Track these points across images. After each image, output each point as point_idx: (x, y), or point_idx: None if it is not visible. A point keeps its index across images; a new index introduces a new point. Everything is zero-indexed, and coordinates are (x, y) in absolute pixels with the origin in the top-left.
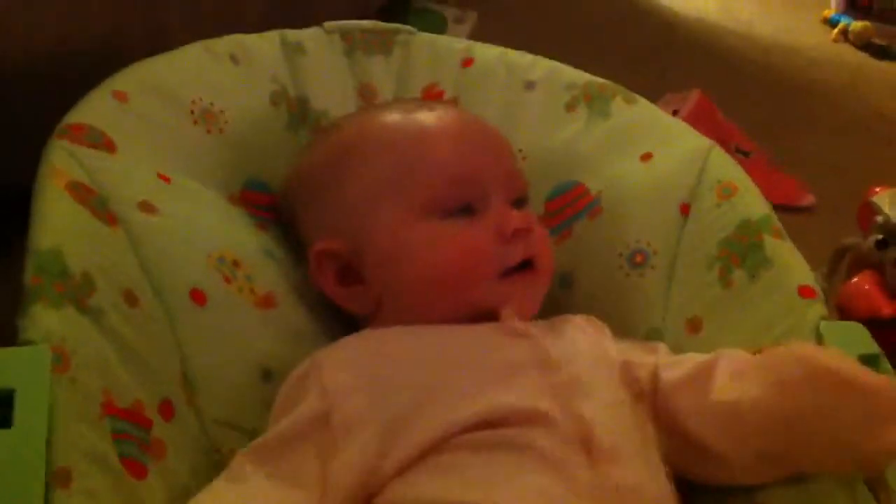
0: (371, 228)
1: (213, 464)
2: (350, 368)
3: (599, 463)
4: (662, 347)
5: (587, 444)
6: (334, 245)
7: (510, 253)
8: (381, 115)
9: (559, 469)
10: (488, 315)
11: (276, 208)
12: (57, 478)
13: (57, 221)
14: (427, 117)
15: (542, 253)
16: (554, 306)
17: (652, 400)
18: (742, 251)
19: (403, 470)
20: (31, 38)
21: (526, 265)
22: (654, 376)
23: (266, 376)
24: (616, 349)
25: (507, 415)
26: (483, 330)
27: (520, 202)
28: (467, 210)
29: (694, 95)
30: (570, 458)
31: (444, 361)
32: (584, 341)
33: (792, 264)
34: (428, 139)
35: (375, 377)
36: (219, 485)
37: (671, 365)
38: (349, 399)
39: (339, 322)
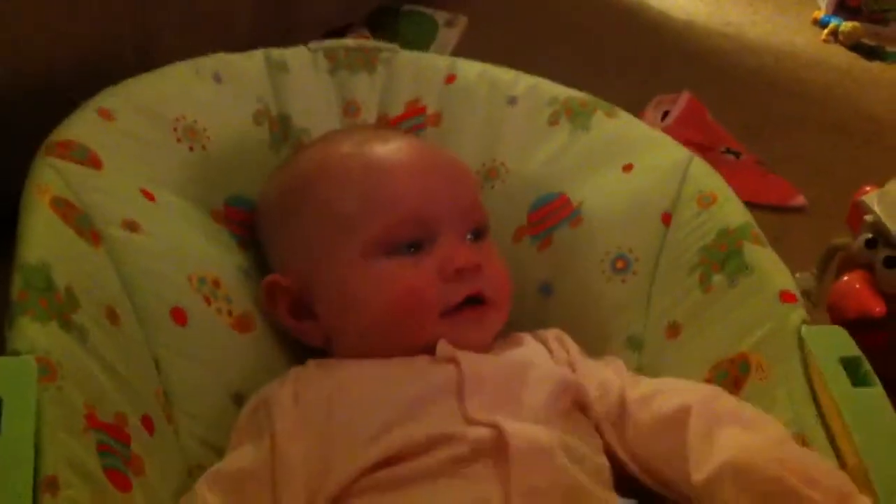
0: (318, 270)
1: (194, 481)
2: (291, 414)
3: (516, 472)
4: (622, 366)
5: (503, 456)
6: (284, 281)
7: (453, 291)
8: (336, 149)
9: (470, 483)
10: (431, 350)
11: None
12: (44, 486)
13: (42, 237)
14: (383, 152)
15: (493, 287)
16: (535, 315)
17: (618, 425)
18: (721, 259)
19: None
20: (31, 40)
21: (474, 300)
22: (621, 401)
23: (237, 400)
24: (582, 366)
25: (411, 446)
26: (414, 363)
27: (477, 234)
28: (415, 246)
29: (684, 97)
30: (481, 472)
31: (367, 403)
32: (529, 358)
33: (772, 270)
34: (380, 177)
35: (311, 423)
36: None
37: (640, 399)
38: (289, 449)
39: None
